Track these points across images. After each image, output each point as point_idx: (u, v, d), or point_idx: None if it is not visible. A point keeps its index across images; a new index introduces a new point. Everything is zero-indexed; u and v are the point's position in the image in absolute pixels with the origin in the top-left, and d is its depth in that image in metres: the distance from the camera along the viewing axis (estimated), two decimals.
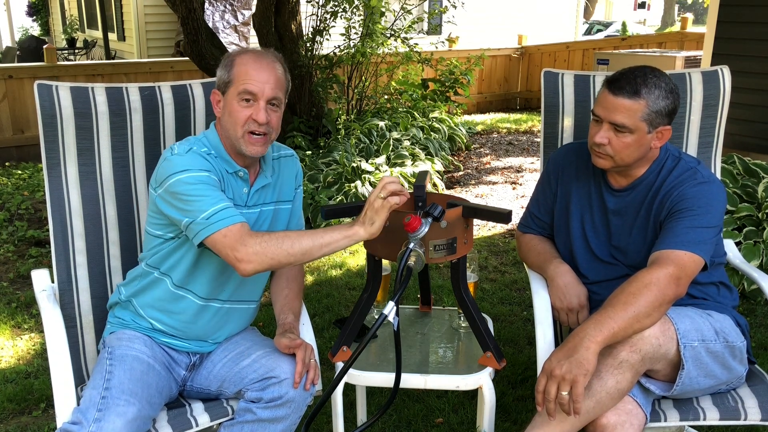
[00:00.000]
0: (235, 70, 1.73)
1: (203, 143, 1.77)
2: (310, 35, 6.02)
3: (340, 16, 6.09)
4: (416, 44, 6.63)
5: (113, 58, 10.77)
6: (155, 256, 1.82)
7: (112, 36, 11.30)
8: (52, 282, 1.98)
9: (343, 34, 6.24)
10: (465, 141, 7.22)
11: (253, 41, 5.79)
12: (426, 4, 10.28)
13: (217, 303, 1.85)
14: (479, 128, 8.40)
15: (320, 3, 6.00)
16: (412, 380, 1.84)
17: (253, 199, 1.83)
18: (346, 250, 4.34)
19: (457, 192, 5.75)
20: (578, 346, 1.56)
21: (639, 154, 1.82)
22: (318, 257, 1.66)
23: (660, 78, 1.79)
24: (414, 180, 4.56)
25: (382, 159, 5.47)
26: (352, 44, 6.20)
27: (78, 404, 1.64)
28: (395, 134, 6.10)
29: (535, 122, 8.81)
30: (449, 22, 7.28)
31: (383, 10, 6.07)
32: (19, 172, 6.26)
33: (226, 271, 1.83)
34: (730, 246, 2.29)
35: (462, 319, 2.08)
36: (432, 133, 6.60)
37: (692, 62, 6.84)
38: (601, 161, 1.85)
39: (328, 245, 1.64)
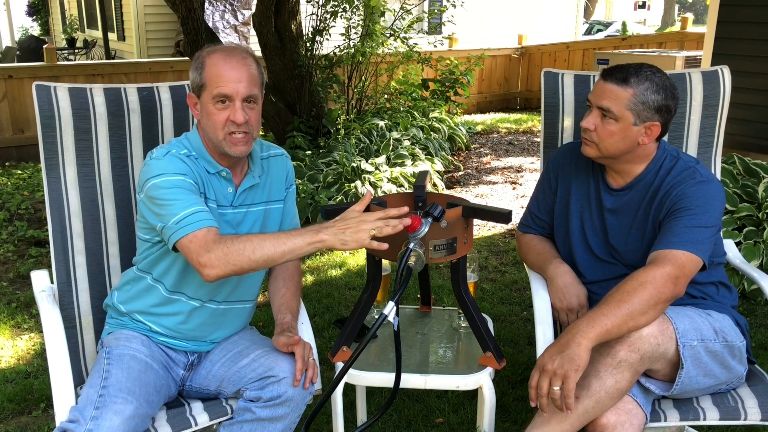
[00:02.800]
0: (207, 72, 1.70)
1: (183, 145, 1.77)
2: (310, 35, 6.02)
3: (340, 16, 6.09)
4: (416, 44, 6.62)
5: (113, 58, 10.77)
6: (146, 260, 1.82)
7: (112, 36, 11.30)
8: (52, 282, 1.97)
9: (343, 34, 6.24)
10: (465, 141, 7.22)
11: (253, 41, 5.79)
12: (426, 4, 10.28)
13: (212, 304, 1.85)
14: (479, 128, 8.40)
15: (320, 3, 6.00)
16: (412, 380, 1.83)
17: (239, 199, 1.82)
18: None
19: (457, 192, 5.75)
20: (570, 342, 1.56)
21: (624, 145, 1.82)
22: (282, 263, 1.65)
23: (655, 73, 1.79)
24: (414, 180, 4.57)
25: (382, 159, 5.47)
26: (352, 44, 6.20)
27: (76, 404, 1.64)
28: (395, 134, 6.10)
29: (535, 122, 8.81)
30: (449, 21, 7.27)
31: (383, 9, 6.07)
32: (19, 172, 6.26)
33: None
34: (730, 246, 2.28)
35: (462, 319, 2.08)
36: (432, 133, 6.60)
37: (692, 62, 6.84)
38: (587, 149, 1.87)
39: (291, 252, 1.60)
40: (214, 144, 1.75)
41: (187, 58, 6.08)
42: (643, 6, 34.85)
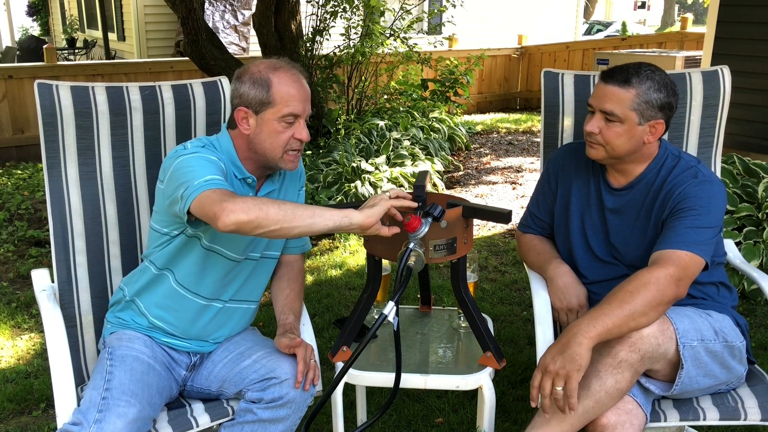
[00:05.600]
0: (275, 91, 1.69)
1: (214, 146, 1.76)
2: (310, 35, 6.02)
3: (340, 16, 6.09)
4: (416, 44, 6.63)
5: (113, 58, 10.77)
6: (160, 252, 1.80)
7: (112, 36, 11.29)
8: (52, 282, 1.98)
9: (343, 34, 6.24)
10: (465, 141, 7.22)
11: (253, 41, 5.79)
12: (426, 4, 10.28)
13: (218, 303, 1.85)
14: (479, 128, 8.40)
15: (320, 3, 6.00)
16: (412, 380, 1.84)
17: None
18: (345, 249, 4.34)
19: (457, 192, 5.75)
20: (571, 342, 1.56)
21: (631, 146, 1.82)
22: (306, 225, 1.53)
23: (654, 72, 1.80)
24: (414, 180, 4.57)
25: (382, 159, 5.47)
26: (351, 44, 6.21)
27: (78, 404, 1.64)
28: (395, 134, 6.10)
29: (535, 122, 8.82)
30: (449, 21, 7.27)
31: (383, 9, 6.07)
32: (19, 172, 6.26)
33: (231, 272, 1.83)
34: (730, 246, 2.29)
35: (462, 319, 2.08)
36: (432, 133, 6.60)
37: (692, 62, 6.84)
38: (593, 152, 1.87)
39: (320, 215, 1.53)
40: (266, 159, 1.75)
41: (187, 58, 6.07)
42: (642, 6, 34.86)
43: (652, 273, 1.64)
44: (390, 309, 1.55)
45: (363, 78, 6.58)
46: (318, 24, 6.03)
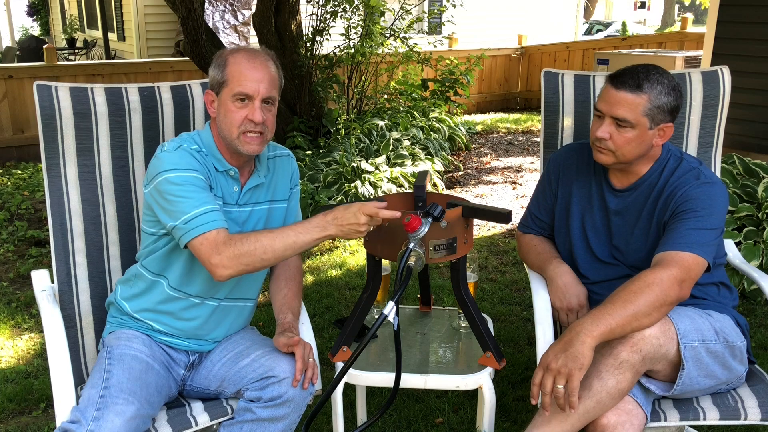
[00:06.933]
0: (229, 71, 1.73)
1: (195, 140, 1.78)
2: (310, 35, 6.02)
3: (340, 16, 6.09)
4: (415, 44, 6.62)
5: (113, 58, 10.77)
6: (151, 255, 1.82)
7: (112, 36, 11.30)
8: (52, 282, 1.98)
9: (343, 34, 6.24)
10: (465, 141, 7.22)
11: (253, 41, 5.80)
12: (426, 4, 10.28)
13: (213, 302, 1.85)
14: (479, 128, 8.40)
15: (320, 3, 6.00)
16: (412, 380, 1.84)
17: (244, 198, 1.83)
18: (345, 249, 4.34)
19: (457, 192, 5.75)
20: (574, 340, 1.56)
21: (640, 150, 1.82)
22: (289, 254, 1.68)
23: (663, 75, 1.79)
24: (414, 180, 4.57)
25: (382, 159, 5.47)
26: (351, 44, 6.21)
27: (77, 404, 1.64)
28: (395, 134, 6.10)
29: (535, 122, 8.81)
30: (449, 21, 7.27)
31: (383, 9, 6.07)
32: (19, 172, 6.26)
33: None
34: (730, 246, 2.28)
35: (462, 319, 2.08)
36: (432, 133, 6.60)
37: (692, 62, 6.84)
38: (602, 157, 1.85)
39: (301, 247, 1.67)
40: (227, 141, 1.77)
41: (187, 58, 6.08)
42: (643, 6, 34.86)
43: (655, 274, 1.64)
44: (390, 309, 1.55)
45: (363, 78, 6.58)
46: (318, 24, 6.03)
